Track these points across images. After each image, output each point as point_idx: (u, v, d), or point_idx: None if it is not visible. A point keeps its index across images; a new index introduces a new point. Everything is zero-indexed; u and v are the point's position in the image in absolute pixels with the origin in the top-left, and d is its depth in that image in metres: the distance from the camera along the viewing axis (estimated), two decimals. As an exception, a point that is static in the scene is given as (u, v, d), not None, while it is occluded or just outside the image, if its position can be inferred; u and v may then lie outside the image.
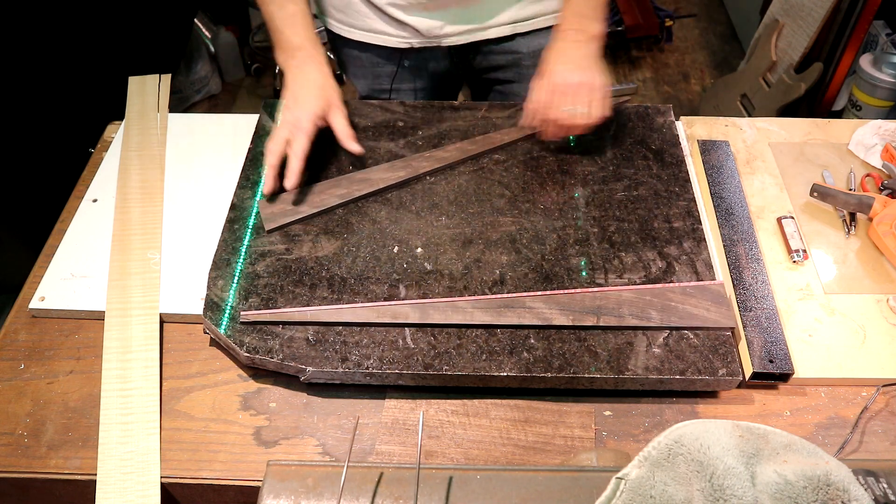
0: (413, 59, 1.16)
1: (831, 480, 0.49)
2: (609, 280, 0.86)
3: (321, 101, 0.96)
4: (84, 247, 0.93)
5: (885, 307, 0.86)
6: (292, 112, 0.95)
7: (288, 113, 0.96)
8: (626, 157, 1.01)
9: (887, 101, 2.08)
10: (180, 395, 0.80)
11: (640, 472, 0.50)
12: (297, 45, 0.98)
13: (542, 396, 0.79)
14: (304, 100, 0.96)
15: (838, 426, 0.77)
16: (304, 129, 0.93)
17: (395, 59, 1.16)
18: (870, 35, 2.14)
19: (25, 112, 1.71)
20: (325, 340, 0.80)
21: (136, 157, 1.04)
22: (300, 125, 0.94)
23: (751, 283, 0.85)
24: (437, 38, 1.10)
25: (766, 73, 2.24)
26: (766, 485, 0.50)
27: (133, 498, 0.71)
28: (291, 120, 0.94)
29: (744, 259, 0.88)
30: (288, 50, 0.99)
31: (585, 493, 0.55)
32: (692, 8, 3.10)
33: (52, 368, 0.82)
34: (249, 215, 0.93)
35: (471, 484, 0.56)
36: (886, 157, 1.02)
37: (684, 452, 0.51)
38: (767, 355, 0.78)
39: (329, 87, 0.98)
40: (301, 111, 0.95)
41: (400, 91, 1.21)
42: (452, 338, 0.80)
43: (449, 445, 0.75)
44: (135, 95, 1.13)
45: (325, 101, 0.97)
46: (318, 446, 0.75)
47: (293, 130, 0.94)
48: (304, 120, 0.94)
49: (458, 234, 0.91)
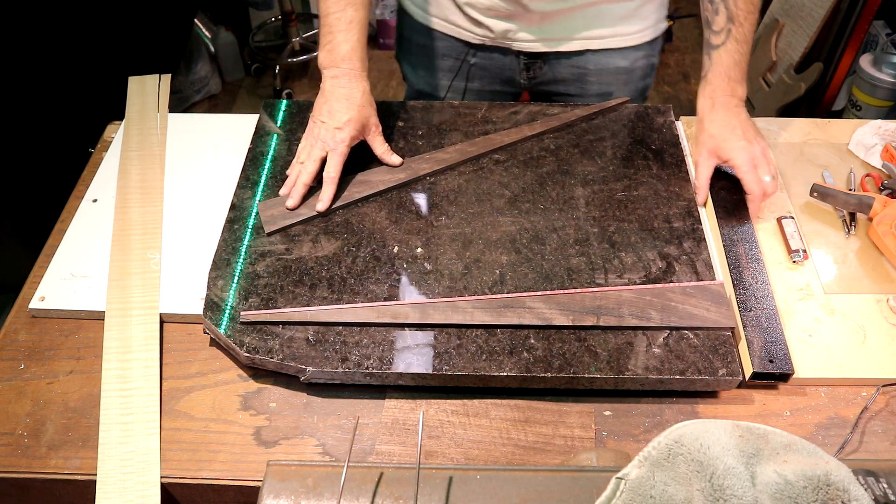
0: (480, 58, 1.15)
1: (831, 480, 0.49)
2: (609, 280, 0.86)
3: (359, 123, 0.95)
4: (84, 247, 0.93)
5: (885, 307, 0.86)
6: (328, 129, 0.93)
7: (324, 129, 0.94)
8: (626, 157, 1.01)
9: (887, 101, 2.08)
10: (180, 395, 0.80)
11: (640, 472, 0.50)
12: (345, 55, 0.95)
13: (542, 396, 0.79)
14: (341, 118, 0.94)
15: (838, 426, 0.77)
16: (341, 152, 0.93)
17: (462, 54, 1.15)
18: (870, 35, 2.15)
19: (25, 112, 1.71)
20: (325, 340, 0.80)
21: (136, 157, 1.04)
22: (338, 148, 0.93)
23: (751, 283, 0.85)
24: (509, 40, 1.10)
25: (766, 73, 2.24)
26: (766, 485, 0.50)
27: (133, 498, 0.71)
28: (327, 139, 0.93)
29: (744, 259, 0.88)
30: (333, 55, 0.95)
31: (585, 493, 0.55)
32: (692, 8, 3.10)
33: (52, 368, 0.82)
34: (249, 215, 0.93)
35: (471, 484, 0.56)
36: (886, 157, 1.02)
37: (684, 452, 0.51)
38: (767, 355, 0.78)
39: (368, 106, 0.97)
40: (339, 132, 0.93)
41: (458, 90, 1.20)
42: (452, 338, 0.80)
43: (449, 445, 0.75)
44: (135, 95, 1.13)
45: (362, 124, 0.96)
46: (318, 446, 0.75)
47: (331, 153, 0.93)
48: (341, 144, 0.93)
49: (458, 234, 0.91)
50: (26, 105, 1.71)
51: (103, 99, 1.32)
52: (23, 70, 1.70)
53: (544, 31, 1.09)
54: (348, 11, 0.94)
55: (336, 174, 0.93)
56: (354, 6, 0.95)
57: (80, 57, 1.84)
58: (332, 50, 0.95)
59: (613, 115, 1.08)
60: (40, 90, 1.75)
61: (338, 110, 0.94)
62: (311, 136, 0.95)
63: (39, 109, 1.74)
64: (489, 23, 1.08)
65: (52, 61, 1.77)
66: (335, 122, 0.94)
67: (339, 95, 0.95)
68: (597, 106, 1.08)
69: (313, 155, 0.94)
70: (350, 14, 0.94)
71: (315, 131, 0.95)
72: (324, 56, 0.96)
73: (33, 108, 1.73)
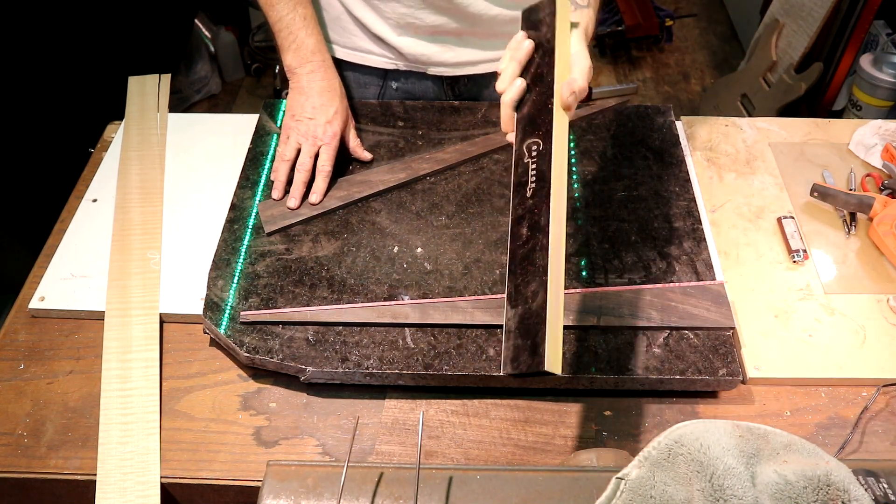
0: (401, 82, 1.12)
1: (831, 480, 0.49)
2: (609, 280, 0.86)
3: (344, 114, 0.95)
4: (84, 247, 0.93)
5: (885, 307, 0.86)
6: (318, 125, 0.93)
7: (312, 125, 0.93)
8: (626, 157, 1.01)
9: (887, 101, 2.08)
10: (180, 395, 0.80)
11: (640, 472, 0.50)
12: (313, 49, 0.95)
13: (542, 396, 0.79)
14: (328, 111, 0.93)
15: (838, 426, 0.77)
16: (334, 146, 0.93)
17: (381, 81, 1.12)
18: (870, 35, 2.14)
19: (25, 112, 1.71)
20: (325, 340, 0.80)
21: (135, 157, 1.04)
22: (331, 143, 0.93)
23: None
24: (423, 65, 1.07)
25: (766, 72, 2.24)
26: (766, 485, 0.50)
27: (133, 498, 0.71)
28: (319, 133, 0.93)
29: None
30: (302, 52, 0.95)
31: (585, 493, 0.55)
32: (692, 8, 3.11)
33: (52, 368, 0.82)
34: (249, 215, 0.93)
35: (471, 484, 0.56)
36: (886, 157, 1.02)
37: (684, 452, 0.51)
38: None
39: (345, 97, 0.97)
40: (329, 126, 0.93)
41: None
42: (452, 338, 0.80)
43: (449, 445, 0.75)
44: (135, 95, 1.13)
45: (346, 115, 0.96)
46: (318, 446, 0.75)
47: (324, 147, 0.93)
48: (333, 138, 0.93)
49: (458, 234, 0.91)
50: (26, 105, 1.71)
51: (103, 99, 1.32)
52: (23, 70, 1.70)
53: (459, 50, 1.05)
54: (299, 10, 0.95)
55: (330, 167, 0.93)
56: (303, 4, 0.95)
57: (80, 57, 1.84)
58: (299, 48, 0.95)
59: (613, 115, 1.07)
60: (40, 90, 1.76)
61: (322, 104, 0.94)
62: (298, 134, 0.94)
63: (39, 109, 1.74)
64: (400, 44, 1.04)
65: (53, 61, 1.77)
66: (324, 116, 0.94)
67: (320, 88, 0.94)
68: (597, 105, 1.08)
69: (307, 151, 0.93)
70: (302, 12, 0.95)
71: (302, 129, 0.94)
72: (291, 56, 0.96)
73: (33, 109, 1.73)
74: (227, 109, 2.63)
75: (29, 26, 1.70)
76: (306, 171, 0.93)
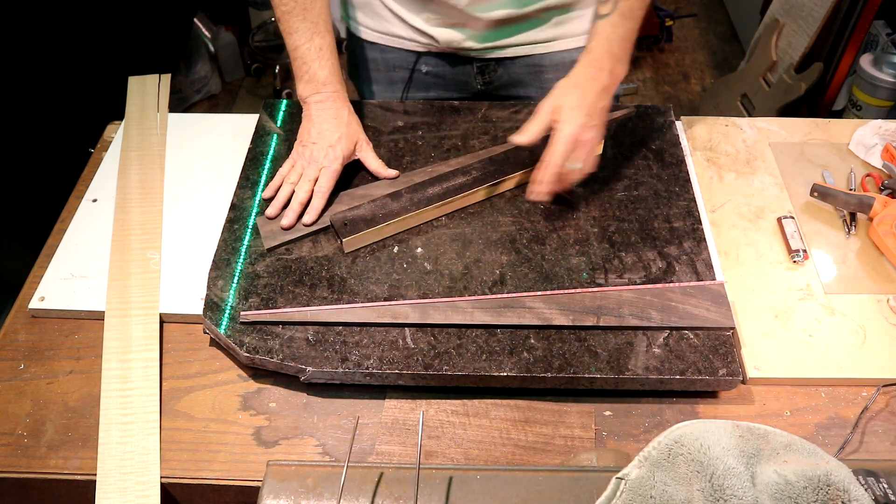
0: (431, 65, 1.13)
1: (831, 480, 0.49)
2: (609, 280, 0.86)
3: (350, 141, 0.96)
4: (84, 247, 0.93)
5: (885, 307, 0.86)
6: (321, 148, 0.94)
7: (315, 149, 0.94)
8: (626, 157, 1.01)
9: (887, 101, 2.08)
10: (180, 395, 0.80)
11: (640, 472, 0.50)
12: (324, 80, 0.96)
13: (542, 396, 0.79)
14: (332, 137, 0.94)
15: (838, 426, 0.77)
16: (334, 169, 0.93)
17: (411, 63, 1.13)
18: (870, 35, 2.15)
19: (25, 112, 1.71)
20: (324, 340, 0.80)
21: (135, 157, 1.04)
22: (331, 165, 0.93)
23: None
24: (456, 49, 1.09)
25: (766, 73, 2.24)
26: (766, 485, 0.50)
27: (133, 498, 0.71)
28: (320, 157, 0.94)
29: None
30: (314, 83, 0.96)
31: (585, 493, 0.55)
32: (692, 8, 3.11)
33: (52, 368, 0.82)
34: (249, 215, 0.93)
35: (471, 484, 0.56)
36: (887, 157, 1.02)
37: (684, 452, 0.51)
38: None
39: (355, 124, 0.98)
40: (332, 150, 0.94)
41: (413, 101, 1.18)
42: (452, 338, 0.80)
43: (449, 445, 0.75)
44: (135, 95, 1.13)
45: (353, 142, 0.96)
46: (318, 446, 0.75)
47: (324, 170, 0.93)
48: (335, 161, 0.94)
49: (458, 234, 0.91)
50: (26, 105, 1.71)
51: (103, 99, 1.32)
52: (23, 70, 1.70)
53: (490, 37, 1.07)
54: (315, 40, 0.96)
55: (328, 190, 0.93)
56: (320, 34, 0.96)
57: (80, 57, 1.84)
58: (311, 79, 0.96)
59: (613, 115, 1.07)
60: (40, 90, 1.76)
61: (327, 130, 0.95)
62: (301, 159, 0.95)
63: (39, 109, 1.74)
64: (434, 32, 1.06)
65: (53, 61, 1.77)
66: (327, 141, 0.94)
67: (327, 117, 0.96)
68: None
69: (308, 175, 0.94)
70: (318, 42, 0.96)
71: (306, 153, 0.95)
72: (303, 87, 0.97)
73: (33, 109, 1.73)
74: (227, 109, 2.63)
75: (29, 26, 1.70)
76: (304, 193, 0.93)
